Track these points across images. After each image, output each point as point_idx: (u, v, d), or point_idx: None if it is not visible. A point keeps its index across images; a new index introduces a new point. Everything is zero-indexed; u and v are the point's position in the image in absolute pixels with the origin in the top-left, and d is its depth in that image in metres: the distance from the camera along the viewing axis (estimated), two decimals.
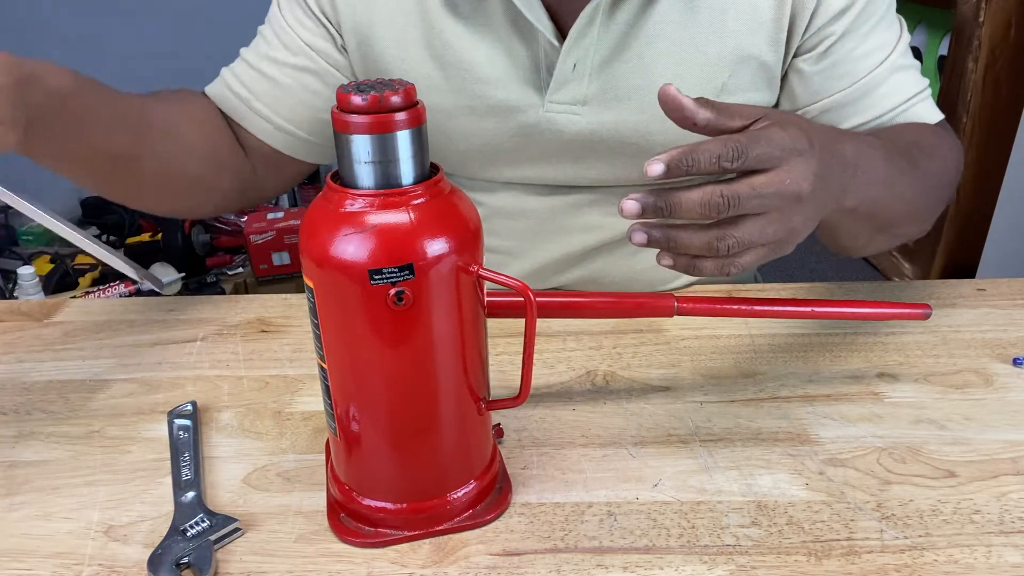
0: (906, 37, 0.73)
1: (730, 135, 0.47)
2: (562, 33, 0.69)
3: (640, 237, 0.48)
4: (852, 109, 0.71)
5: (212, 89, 0.78)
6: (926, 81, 0.73)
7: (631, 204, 0.46)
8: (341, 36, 0.74)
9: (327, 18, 0.74)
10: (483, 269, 0.45)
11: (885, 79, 0.70)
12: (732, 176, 0.47)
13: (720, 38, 0.68)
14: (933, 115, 0.73)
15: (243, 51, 0.78)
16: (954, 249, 1.49)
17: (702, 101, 0.48)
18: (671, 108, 0.47)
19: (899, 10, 0.73)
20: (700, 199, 0.46)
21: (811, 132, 0.49)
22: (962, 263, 1.49)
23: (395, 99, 0.41)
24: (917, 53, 1.61)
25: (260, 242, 2.03)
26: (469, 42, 0.70)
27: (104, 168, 0.66)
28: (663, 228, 0.48)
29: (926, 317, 0.62)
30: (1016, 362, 0.66)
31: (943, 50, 1.47)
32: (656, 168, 0.46)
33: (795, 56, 0.71)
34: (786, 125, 0.48)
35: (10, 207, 0.57)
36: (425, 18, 0.71)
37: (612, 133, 0.72)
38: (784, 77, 0.73)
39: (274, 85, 0.75)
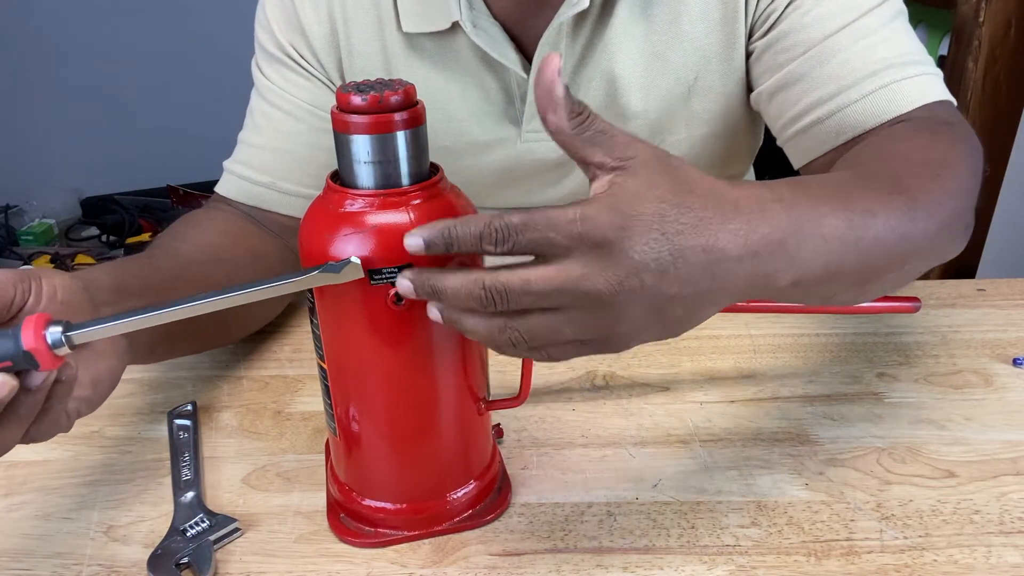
0: (893, 3, 0.63)
1: (502, 214, 0.38)
2: (528, 57, 0.68)
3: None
4: (807, 84, 0.63)
5: (227, 188, 0.72)
6: (918, 54, 0.62)
7: (402, 283, 0.41)
8: (329, 77, 0.72)
9: (311, 64, 0.71)
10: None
11: (847, 46, 0.61)
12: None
13: (680, 43, 0.67)
14: (928, 94, 0.60)
15: (243, 136, 0.73)
16: None
17: (576, 108, 0.38)
18: (541, 89, 0.38)
19: None
20: (461, 288, 0.39)
21: (647, 216, 0.37)
22: (962, 263, 1.49)
23: (395, 99, 0.41)
24: None
25: None
26: (440, 82, 0.70)
27: (199, 347, 0.67)
28: (450, 309, 0.41)
29: (916, 310, 0.63)
30: (1016, 362, 0.66)
31: (943, 50, 1.46)
32: (413, 242, 0.39)
33: (749, 41, 0.67)
34: (613, 197, 0.38)
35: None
36: (391, 62, 0.70)
37: None
38: (748, 68, 0.69)
39: (292, 157, 0.71)
